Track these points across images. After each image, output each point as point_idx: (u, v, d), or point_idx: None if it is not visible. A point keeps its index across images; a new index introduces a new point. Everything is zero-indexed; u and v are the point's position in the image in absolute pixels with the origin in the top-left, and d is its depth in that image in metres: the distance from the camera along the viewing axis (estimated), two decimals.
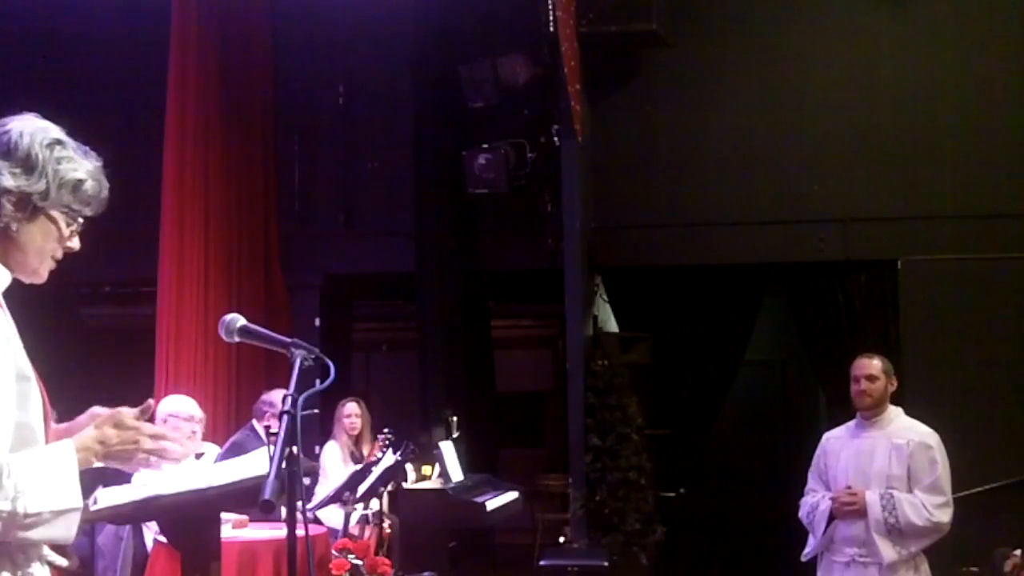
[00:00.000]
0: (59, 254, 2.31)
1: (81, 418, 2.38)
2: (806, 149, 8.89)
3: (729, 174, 8.95)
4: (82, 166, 2.27)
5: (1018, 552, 6.38)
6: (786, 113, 8.93)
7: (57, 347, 2.40)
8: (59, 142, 2.26)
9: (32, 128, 2.24)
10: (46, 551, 2.23)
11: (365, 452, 7.99)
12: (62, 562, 2.27)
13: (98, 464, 2.23)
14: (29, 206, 2.22)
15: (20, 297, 2.31)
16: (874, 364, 5.18)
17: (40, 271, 2.29)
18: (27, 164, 2.21)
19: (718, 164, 8.98)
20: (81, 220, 2.30)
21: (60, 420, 2.41)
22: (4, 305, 2.23)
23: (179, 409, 6.46)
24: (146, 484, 2.91)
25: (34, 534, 2.10)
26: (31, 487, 2.06)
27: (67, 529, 2.14)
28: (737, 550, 11.12)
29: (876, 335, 8.51)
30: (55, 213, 2.25)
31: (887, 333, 8.60)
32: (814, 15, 8.99)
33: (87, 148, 2.32)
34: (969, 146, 8.67)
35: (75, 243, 2.32)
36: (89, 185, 2.28)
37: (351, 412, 7.99)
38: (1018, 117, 8.64)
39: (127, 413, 2.27)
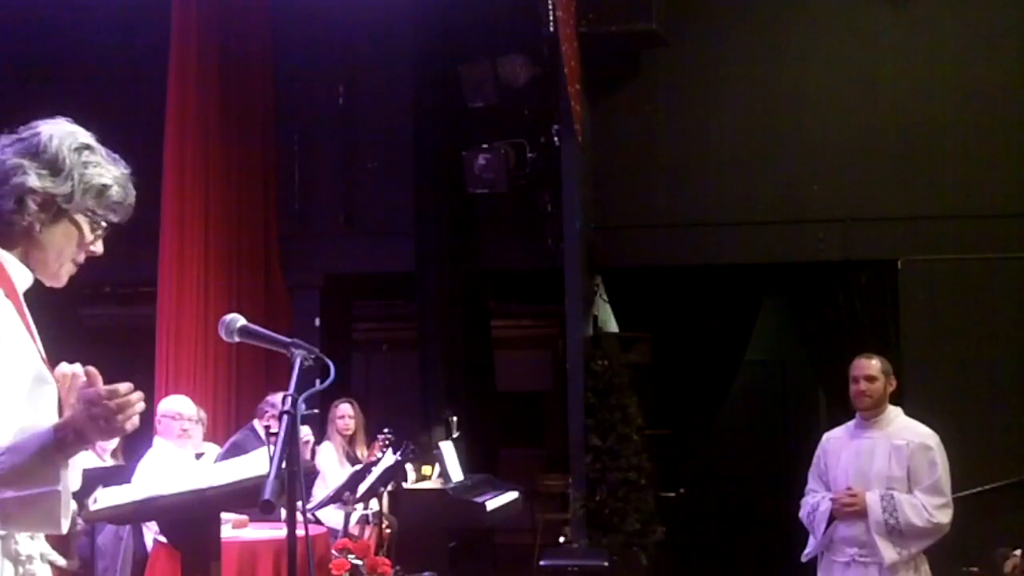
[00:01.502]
0: (81, 258, 2.33)
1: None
2: (806, 149, 8.89)
3: (729, 174, 8.95)
4: (109, 172, 2.30)
5: (1018, 552, 6.37)
6: (786, 113, 8.94)
7: (57, 347, 2.40)
8: (88, 147, 2.29)
9: (61, 132, 2.27)
10: (47, 550, 2.24)
11: (359, 453, 8.00)
12: (61, 562, 2.27)
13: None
14: (53, 208, 2.24)
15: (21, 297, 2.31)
16: (873, 364, 5.18)
17: (60, 274, 2.32)
18: (54, 166, 2.23)
19: (718, 164, 8.98)
20: (105, 225, 2.32)
21: None
22: (24, 305, 2.24)
23: (167, 408, 6.54)
24: (146, 484, 2.92)
25: (14, 525, 2.09)
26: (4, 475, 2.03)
27: (47, 515, 2.09)
28: (737, 550, 11.11)
29: (876, 335, 8.50)
30: (78, 217, 2.27)
31: (887, 333, 8.60)
32: (814, 15, 8.99)
33: (117, 155, 2.34)
34: (969, 146, 8.67)
35: (98, 247, 2.34)
36: (115, 191, 2.30)
37: (344, 413, 8.00)
38: (1018, 117, 8.64)
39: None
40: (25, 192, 2.21)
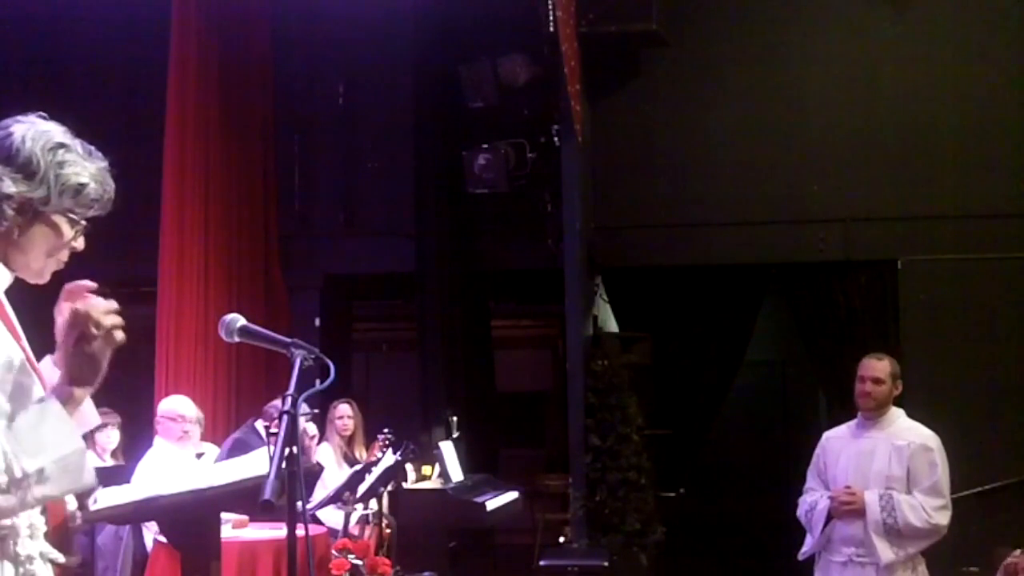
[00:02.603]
0: (64, 255, 2.31)
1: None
2: (806, 149, 8.89)
3: (729, 174, 8.95)
4: (85, 170, 2.27)
5: (1018, 552, 6.37)
6: (786, 113, 8.93)
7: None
8: (62, 146, 2.25)
9: (35, 132, 2.24)
10: (47, 548, 2.23)
11: (358, 454, 7.99)
12: (62, 559, 2.27)
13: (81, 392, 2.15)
14: (30, 211, 2.22)
15: (21, 297, 2.31)
16: (881, 366, 5.12)
17: (43, 273, 2.30)
18: (27, 170, 2.20)
19: (718, 164, 8.97)
20: (85, 222, 2.31)
21: None
22: (6, 304, 2.24)
23: (169, 409, 6.49)
24: (146, 484, 2.92)
25: (49, 490, 2.07)
26: (22, 447, 2.04)
27: (77, 475, 2.10)
28: (737, 550, 11.12)
29: (876, 335, 8.51)
30: (56, 218, 2.25)
31: (887, 333, 8.60)
32: (814, 15, 8.99)
33: (92, 148, 2.31)
34: (969, 146, 8.67)
35: (79, 243, 2.32)
36: (92, 188, 2.27)
37: (343, 414, 8.00)
38: (1018, 117, 8.64)
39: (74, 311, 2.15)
40: (0, 199, 2.19)
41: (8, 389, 2.13)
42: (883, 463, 5.07)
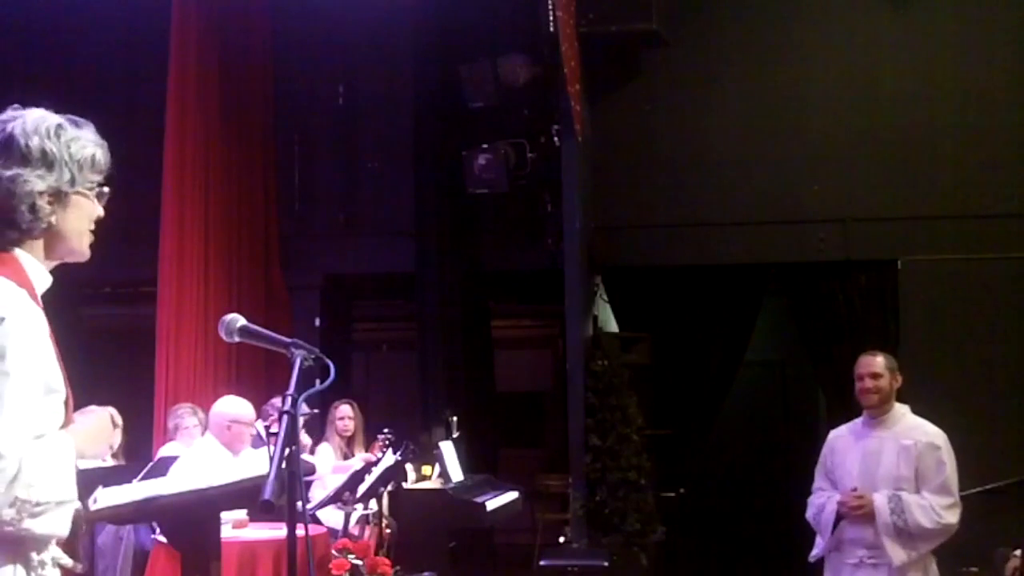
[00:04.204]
0: (92, 226, 2.38)
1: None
2: (806, 149, 8.89)
3: (729, 174, 8.95)
4: (86, 138, 2.34)
5: (1018, 552, 6.37)
6: (786, 113, 8.93)
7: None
8: (59, 125, 2.32)
9: (32, 123, 2.28)
10: (58, 554, 2.26)
11: (358, 454, 7.99)
12: (68, 563, 2.29)
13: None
14: (60, 198, 2.29)
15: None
16: (877, 361, 5.11)
17: (84, 249, 2.38)
18: (46, 160, 2.27)
19: (718, 164, 8.98)
20: (106, 190, 2.38)
21: None
22: (41, 309, 2.26)
23: (241, 414, 6.36)
24: (147, 484, 2.92)
25: (37, 525, 2.14)
26: (41, 477, 2.12)
27: (64, 523, 2.20)
28: (737, 550, 11.11)
29: (876, 335, 8.50)
30: (83, 190, 2.33)
31: (887, 333, 8.60)
32: (814, 15, 8.99)
33: (76, 118, 2.38)
34: (969, 146, 8.67)
35: (100, 211, 2.39)
36: (99, 154, 2.35)
37: (344, 414, 8.00)
38: (1018, 117, 8.64)
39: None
40: (35, 198, 2.25)
41: (44, 411, 2.19)
42: (891, 463, 5.04)
